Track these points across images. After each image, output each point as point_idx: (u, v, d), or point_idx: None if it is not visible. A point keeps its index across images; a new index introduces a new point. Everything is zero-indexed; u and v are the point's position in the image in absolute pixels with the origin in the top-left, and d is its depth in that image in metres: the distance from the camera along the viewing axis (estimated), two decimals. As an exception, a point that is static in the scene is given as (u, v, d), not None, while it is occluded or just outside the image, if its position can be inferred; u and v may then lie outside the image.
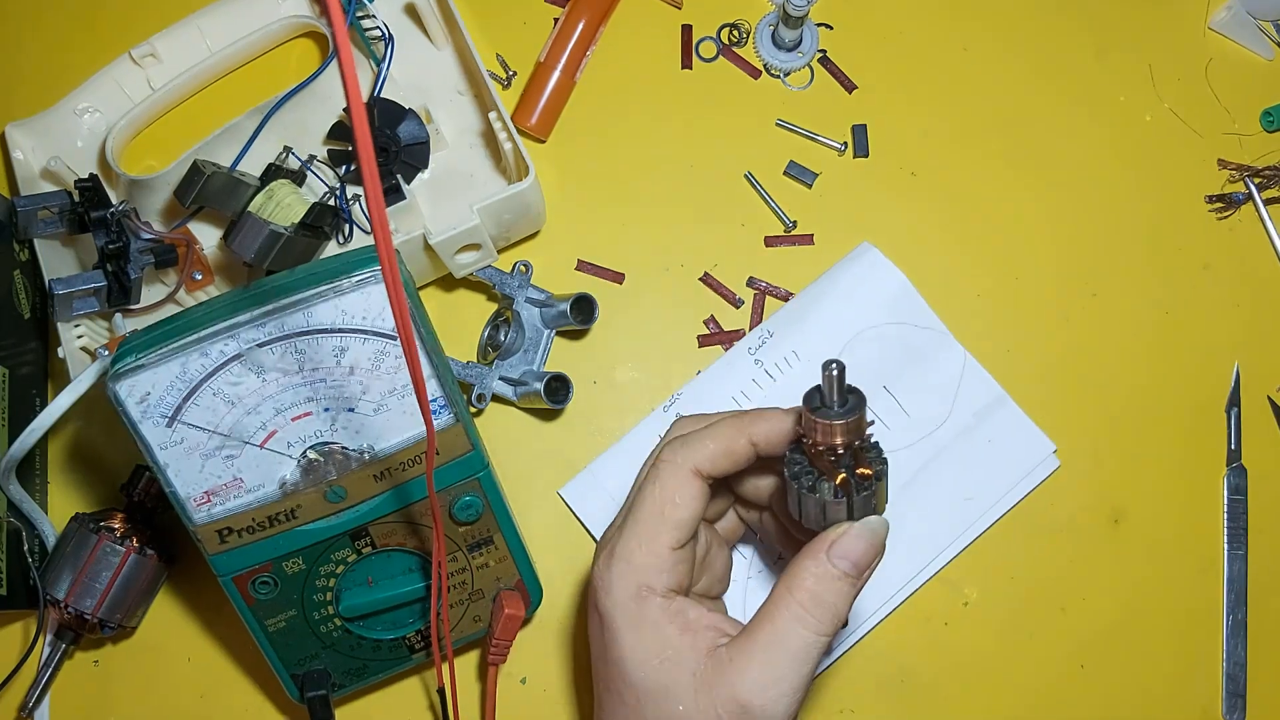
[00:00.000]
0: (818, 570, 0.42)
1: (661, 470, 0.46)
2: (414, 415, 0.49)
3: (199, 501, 0.48)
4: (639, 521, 0.45)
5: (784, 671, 0.42)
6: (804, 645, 0.42)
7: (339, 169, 0.59)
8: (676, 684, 0.43)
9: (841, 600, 0.42)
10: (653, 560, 0.44)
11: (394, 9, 0.63)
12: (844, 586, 0.42)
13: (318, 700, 0.54)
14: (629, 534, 0.45)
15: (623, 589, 0.44)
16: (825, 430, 0.41)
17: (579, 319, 0.59)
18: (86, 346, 0.59)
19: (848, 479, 0.42)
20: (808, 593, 0.42)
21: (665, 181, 0.65)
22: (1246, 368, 0.63)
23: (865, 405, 0.41)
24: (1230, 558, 0.61)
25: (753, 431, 0.45)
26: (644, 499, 0.45)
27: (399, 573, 0.53)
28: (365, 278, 0.47)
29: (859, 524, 0.42)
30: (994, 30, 0.66)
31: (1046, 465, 0.61)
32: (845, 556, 0.42)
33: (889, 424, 0.61)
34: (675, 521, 0.45)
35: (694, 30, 0.66)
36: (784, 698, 0.42)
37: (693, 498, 0.45)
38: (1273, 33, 0.66)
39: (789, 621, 0.42)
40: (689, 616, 0.44)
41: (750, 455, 0.46)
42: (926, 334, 0.62)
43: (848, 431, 0.41)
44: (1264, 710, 0.60)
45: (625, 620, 0.44)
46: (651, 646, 0.43)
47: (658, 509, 0.45)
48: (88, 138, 0.63)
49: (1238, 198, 0.64)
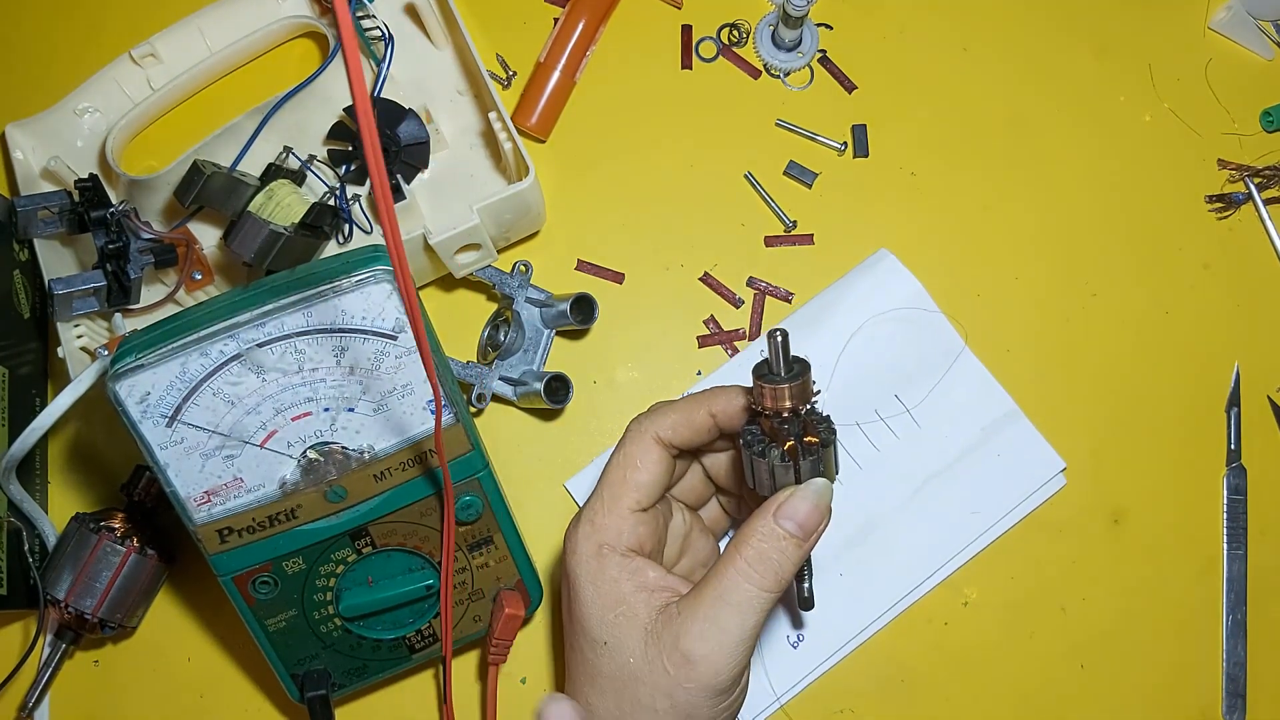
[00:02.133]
0: (764, 529, 0.44)
1: (625, 438, 0.49)
2: (414, 415, 0.49)
3: (199, 501, 0.48)
4: (604, 486, 0.48)
5: (727, 624, 0.44)
6: (747, 599, 0.44)
7: (339, 169, 0.59)
8: (629, 637, 0.45)
9: (785, 559, 0.44)
10: (614, 520, 0.47)
11: (394, 9, 0.63)
12: (788, 546, 0.44)
13: (318, 700, 0.54)
14: (595, 498, 0.48)
15: (586, 547, 0.47)
16: (773, 395, 0.44)
17: (579, 319, 0.59)
18: (86, 346, 0.59)
19: (795, 445, 0.44)
20: (753, 549, 0.44)
21: (665, 181, 0.65)
22: (1246, 368, 0.63)
23: (810, 372, 0.44)
24: (1230, 558, 0.61)
25: (711, 404, 0.48)
26: (609, 466, 0.48)
27: (399, 573, 0.53)
28: (365, 278, 0.47)
29: (803, 486, 0.45)
30: (994, 30, 0.66)
31: (1055, 483, 0.61)
32: (790, 517, 0.44)
33: (898, 433, 0.61)
34: (635, 484, 0.47)
35: (694, 30, 0.66)
36: (726, 649, 0.44)
37: (653, 462, 0.48)
38: (1273, 33, 0.66)
39: (733, 576, 0.44)
40: (647, 576, 0.46)
41: (709, 426, 0.48)
42: (941, 344, 0.62)
43: (793, 396, 0.43)
44: (1264, 710, 0.60)
45: (586, 576, 0.47)
46: (608, 601, 0.46)
47: (621, 474, 0.48)
48: (88, 138, 0.63)
49: (1238, 198, 0.64)
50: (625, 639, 0.45)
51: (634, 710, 0.45)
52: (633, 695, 0.45)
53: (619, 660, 0.45)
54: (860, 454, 0.61)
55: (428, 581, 0.53)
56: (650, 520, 0.48)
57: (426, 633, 0.55)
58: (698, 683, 0.44)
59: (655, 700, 0.45)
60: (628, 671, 0.45)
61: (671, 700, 0.44)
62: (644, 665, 0.45)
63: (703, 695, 0.44)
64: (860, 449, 0.61)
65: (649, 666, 0.45)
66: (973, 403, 0.61)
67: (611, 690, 0.46)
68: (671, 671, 0.44)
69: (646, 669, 0.45)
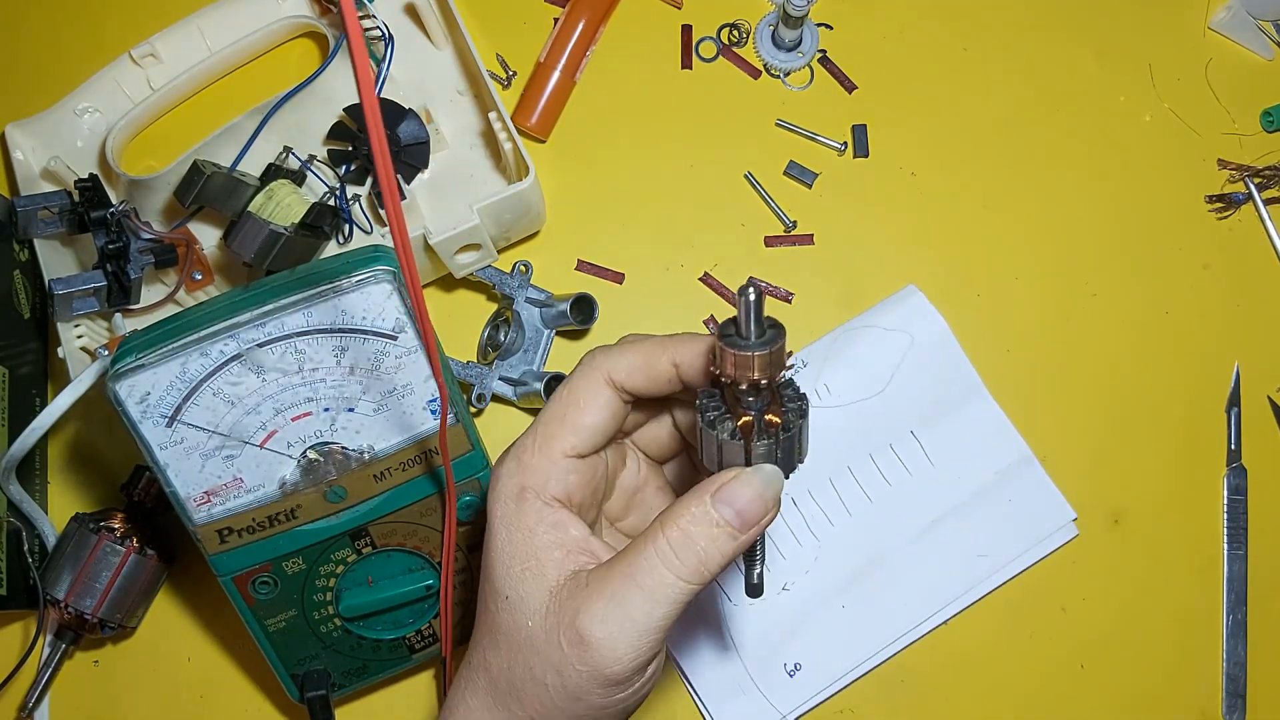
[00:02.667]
0: (697, 511, 0.38)
1: (574, 373, 0.42)
2: (414, 415, 0.49)
3: (199, 501, 0.48)
4: (540, 422, 0.42)
5: (632, 609, 0.38)
6: (660, 585, 0.38)
7: (339, 169, 0.59)
8: (532, 597, 0.40)
9: (713, 549, 0.38)
10: (542, 462, 0.41)
11: (394, 9, 0.63)
12: (720, 535, 0.38)
13: (318, 700, 0.54)
14: (528, 433, 0.42)
15: (507, 486, 0.41)
16: (735, 362, 0.37)
17: (579, 319, 0.59)
18: (86, 346, 0.59)
19: (750, 422, 0.38)
20: (679, 531, 0.38)
21: (665, 181, 0.65)
22: (1246, 368, 0.63)
23: (783, 338, 0.37)
24: (1230, 558, 0.61)
25: (676, 351, 0.41)
26: (551, 400, 0.42)
27: (399, 573, 0.53)
28: (365, 277, 0.47)
29: (751, 470, 0.38)
30: (994, 30, 0.66)
31: (1064, 532, 0.61)
32: (729, 503, 0.38)
33: (911, 469, 0.61)
34: (575, 425, 0.41)
35: (694, 30, 0.66)
36: (626, 637, 0.38)
37: (599, 406, 0.41)
38: (1273, 33, 0.66)
39: (650, 556, 0.38)
40: (567, 532, 0.40)
41: (671, 377, 0.42)
42: (961, 385, 0.62)
43: (760, 366, 0.36)
44: (1264, 710, 0.60)
45: (501, 518, 0.41)
46: (518, 552, 0.40)
47: (561, 411, 0.42)
48: (88, 138, 0.63)
49: (1238, 198, 0.64)
50: (528, 598, 0.40)
51: (524, 678, 0.40)
52: (525, 661, 0.40)
53: (518, 620, 0.40)
54: (871, 487, 0.61)
55: (428, 581, 0.53)
56: (586, 469, 0.42)
57: (426, 633, 0.55)
58: (589, 666, 0.38)
59: (546, 674, 0.39)
60: (524, 634, 0.40)
61: (561, 678, 0.39)
62: (541, 633, 0.39)
63: (593, 682, 0.39)
64: (872, 482, 0.61)
65: (545, 636, 0.39)
66: (988, 445, 0.61)
67: (506, 649, 0.41)
68: (565, 649, 0.39)
69: (543, 638, 0.39)
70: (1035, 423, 0.62)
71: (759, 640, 0.60)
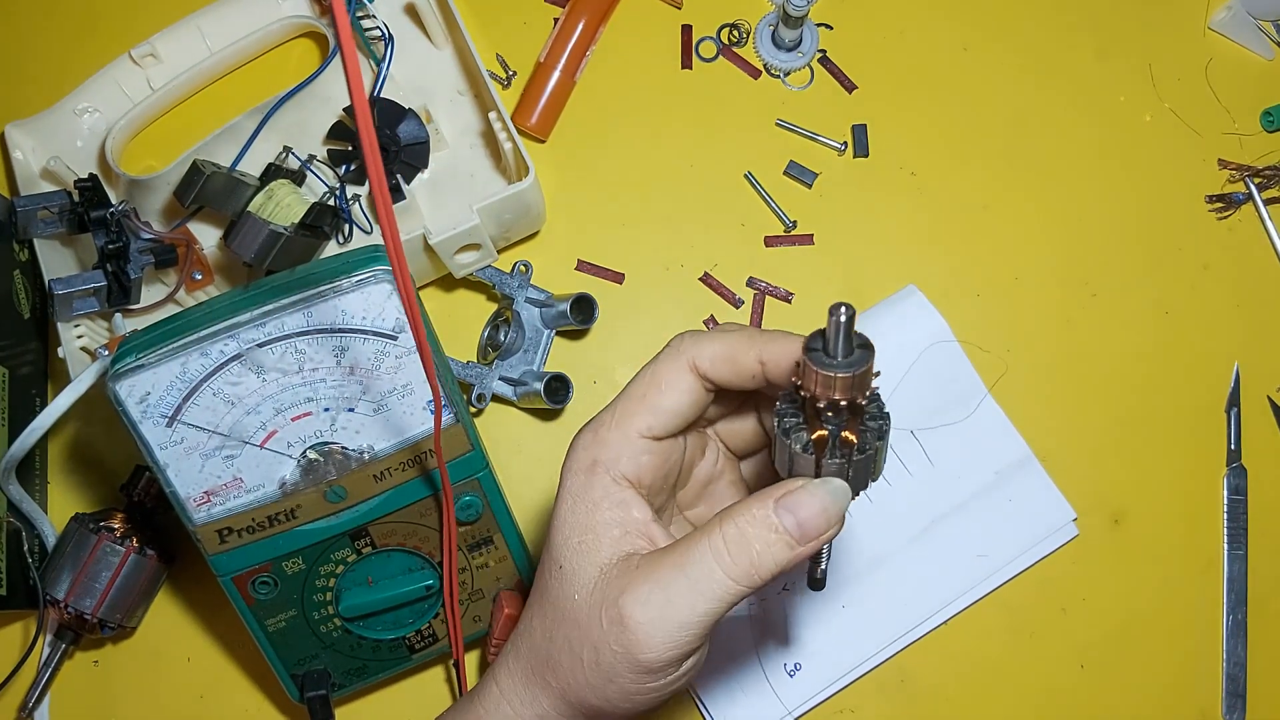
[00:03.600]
0: (758, 512, 0.38)
1: (660, 355, 0.42)
2: (414, 415, 0.49)
3: (199, 501, 0.48)
4: (621, 398, 0.42)
5: (676, 599, 0.38)
6: (707, 580, 0.38)
7: (339, 169, 0.59)
8: (583, 571, 0.40)
9: (768, 555, 0.38)
10: (618, 438, 0.41)
11: (394, 9, 0.63)
12: (777, 543, 0.38)
13: (318, 700, 0.54)
14: (608, 408, 0.42)
15: (581, 459, 0.41)
16: (820, 381, 0.36)
17: (579, 319, 0.59)
18: (86, 346, 0.59)
19: (825, 437, 0.37)
20: (736, 530, 0.38)
21: (665, 181, 0.65)
22: (1246, 368, 0.63)
23: (872, 360, 0.36)
24: (1230, 558, 0.61)
25: (765, 347, 0.40)
26: (635, 378, 0.42)
27: (399, 573, 0.53)
28: (365, 278, 0.47)
29: (817, 482, 0.38)
30: (994, 30, 0.66)
31: (1064, 532, 0.61)
32: (791, 511, 0.38)
33: (912, 470, 0.61)
34: (653, 406, 0.41)
35: (694, 30, 0.66)
36: (666, 626, 0.38)
37: (681, 390, 0.41)
38: (1273, 33, 0.66)
39: (703, 549, 0.38)
40: (630, 513, 0.40)
41: (756, 373, 0.41)
42: (961, 385, 0.62)
43: (844, 387, 0.36)
44: (1264, 710, 0.60)
45: (570, 488, 0.41)
46: (579, 524, 0.40)
47: (641, 390, 0.41)
48: (88, 138, 0.63)
49: (1238, 198, 0.64)
50: (580, 570, 0.40)
51: (562, 649, 0.40)
52: (565, 633, 0.40)
53: (567, 591, 0.40)
54: (871, 488, 0.61)
55: (427, 582, 0.53)
56: (661, 452, 0.42)
57: (426, 633, 0.55)
58: (624, 648, 0.38)
59: (583, 649, 0.39)
60: (570, 606, 0.40)
61: (597, 655, 0.39)
62: (584, 607, 0.39)
63: (626, 665, 0.38)
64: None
65: (588, 611, 0.39)
66: (988, 446, 0.61)
67: (552, 618, 0.41)
68: (605, 626, 0.38)
69: (585, 613, 0.39)
70: (1035, 423, 0.62)
71: (759, 640, 0.60)
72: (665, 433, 0.41)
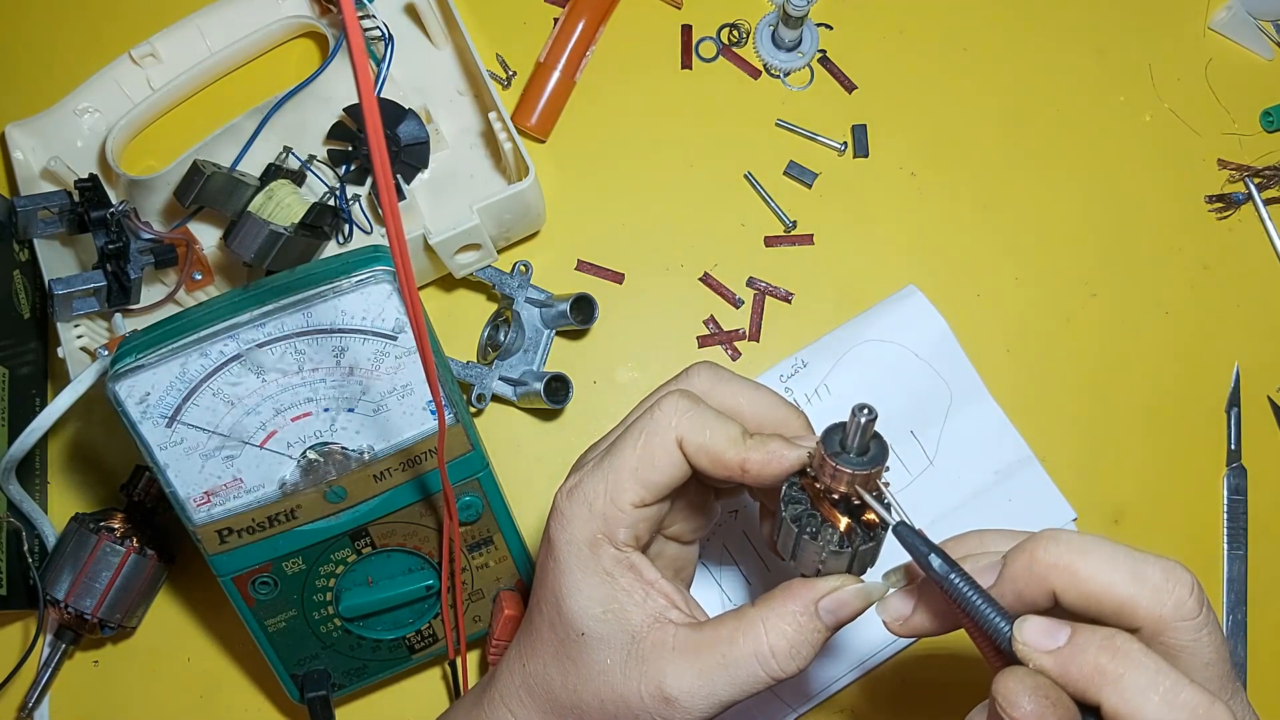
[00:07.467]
0: (804, 622, 0.40)
1: (651, 425, 0.42)
2: (413, 415, 0.49)
3: (199, 502, 0.48)
4: (611, 469, 0.42)
5: (720, 691, 0.41)
6: (753, 680, 0.40)
7: (339, 169, 0.59)
8: (614, 638, 0.42)
9: (812, 652, 0.41)
10: (613, 512, 0.42)
11: (394, 9, 0.63)
12: (820, 639, 0.41)
13: (318, 700, 0.54)
14: (598, 477, 0.42)
15: (580, 530, 0.42)
16: (841, 478, 0.39)
17: (579, 319, 0.59)
18: (86, 346, 0.59)
19: (854, 527, 0.39)
20: (786, 640, 0.40)
21: (665, 182, 0.65)
22: (1246, 368, 0.63)
23: (886, 458, 0.39)
24: (1230, 558, 0.61)
25: (748, 457, 0.41)
26: (623, 448, 0.42)
27: (399, 573, 0.53)
28: (365, 278, 0.47)
29: (860, 586, 0.40)
30: (994, 30, 0.66)
31: None
32: (834, 612, 0.40)
33: (911, 469, 0.61)
34: (644, 481, 0.42)
35: (694, 30, 0.66)
36: (710, 703, 0.41)
37: (670, 466, 0.42)
38: (1273, 33, 0.66)
39: (748, 656, 0.40)
40: (643, 575, 0.43)
41: (734, 474, 0.42)
42: (961, 385, 0.62)
43: (865, 483, 0.38)
44: (1264, 710, 0.60)
45: (576, 561, 0.42)
46: (598, 595, 0.42)
47: (631, 465, 0.42)
48: (88, 138, 0.63)
49: (1238, 198, 0.64)
50: (609, 637, 0.42)
51: (592, 704, 0.42)
52: (596, 691, 0.42)
53: (595, 655, 0.42)
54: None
55: (427, 582, 0.53)
56: (653, 514, 0.44)
57: (426, 633, 0.55)
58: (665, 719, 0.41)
59: (619, 710, 0.42)
60: (600, 668, 0.42)
61: (634, 718, 0.42)
62: (619, 673, 0.42)
63: None
64: None
65: (624, 677, 0.42)
66: (988, 445, 0.61)
67: (575, 675, 0.43)
68: (645, 699, 0.41)
69: (621, 678, 0.42)
70: (1035, 423, 0.62)
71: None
72: (654, 500, 0.43)
